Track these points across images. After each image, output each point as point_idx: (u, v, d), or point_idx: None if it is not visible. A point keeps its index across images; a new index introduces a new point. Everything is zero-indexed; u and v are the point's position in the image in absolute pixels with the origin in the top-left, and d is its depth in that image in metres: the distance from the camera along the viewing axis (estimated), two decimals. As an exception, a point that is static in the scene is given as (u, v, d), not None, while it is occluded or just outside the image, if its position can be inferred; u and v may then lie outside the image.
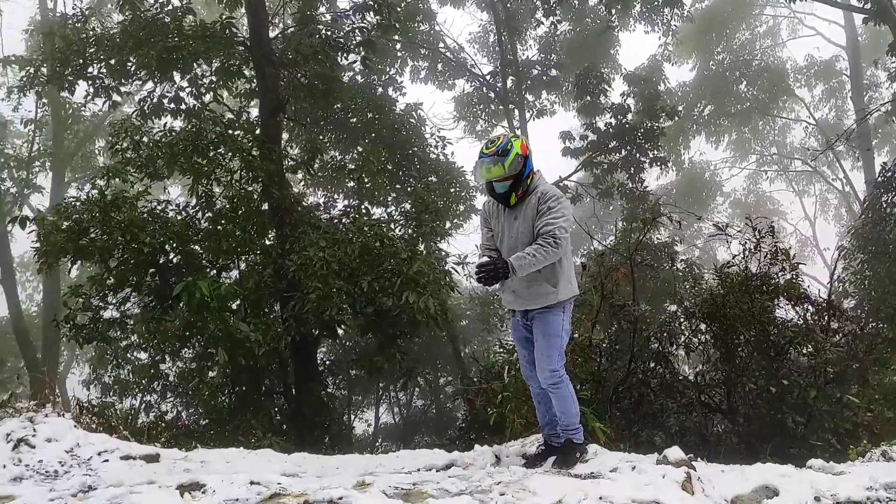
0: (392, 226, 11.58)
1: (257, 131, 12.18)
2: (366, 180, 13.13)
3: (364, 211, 11.56)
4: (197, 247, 11.15)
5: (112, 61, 12.10)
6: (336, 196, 16.47)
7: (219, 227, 10.99)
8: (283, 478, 4.54)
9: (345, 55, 12.51)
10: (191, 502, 3.92)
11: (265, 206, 11.87)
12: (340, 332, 11.36)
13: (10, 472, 4.47)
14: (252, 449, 6.01)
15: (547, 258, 4.25)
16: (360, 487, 4.35)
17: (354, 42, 12.52)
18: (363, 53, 12.71)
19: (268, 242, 12.04)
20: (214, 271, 10.87)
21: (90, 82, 12.47)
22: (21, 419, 4.94)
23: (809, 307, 7.68)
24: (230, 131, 11.63)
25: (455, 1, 22.16)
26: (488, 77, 21.38)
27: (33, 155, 20.29)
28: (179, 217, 11.24)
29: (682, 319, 8.28)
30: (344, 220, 11.04)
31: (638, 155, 17.99)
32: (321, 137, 16.86)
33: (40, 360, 20.13)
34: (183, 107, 12.85)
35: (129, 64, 12.00)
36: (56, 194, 20.13)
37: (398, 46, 20.41)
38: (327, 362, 16.39)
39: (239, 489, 4.08)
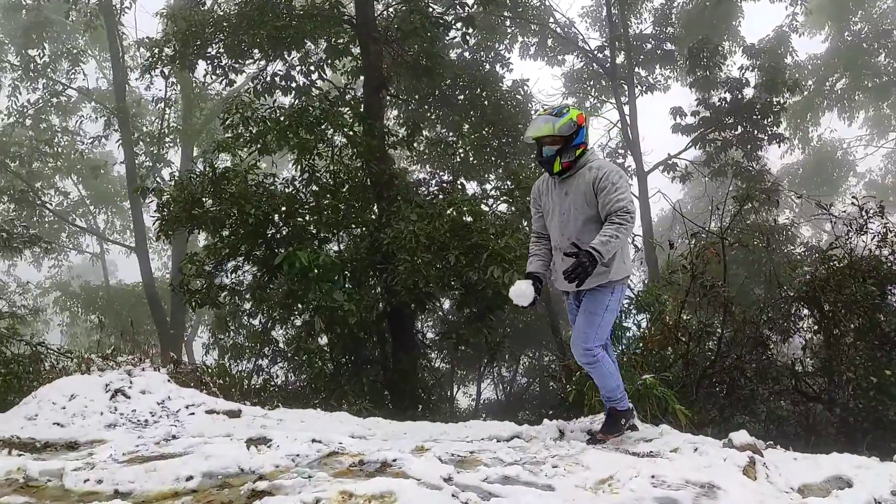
0: (486, 201, 11.63)
1: (361, 108, 12.50)
2: (470, 156, 13.23)
3: (459, 186, 11.67)
4: (301, 219, 11.66)
5: (228, 41, 12.73)
6: (441, 172, 16.68)
7: (323, 200, 11.47)
8: (346, 438, 4.74)
9: (446, 31, 12.59)
10: (255, 454, 4.16)
11: (368, 181, 12.24)
12: (444, 305, 11.62)
13: (105, 419, 4.91)
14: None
15: (626, 235, 4.15)
16: (418, 452, 4.48)
17: (454, 18, 12.58)
18: (463, 29, 12.74)
19: (372, 217, 12.45)
20: (316, 242, 11.32)
21: (209, 62, 13.20)
22: (119, 372, 5.40)
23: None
24: (334, 108, 12.00)
25: (567, -26, 21.68)
26: (597, 52, 20.84)
27: (164, 131, 21.79)
28: (287, 190, 11.81)
29: (781, 304, 7.85)
30: (439, 195, 11.20)
31: (755, 132, 17.04)
32: (428, 114, 17.10)
33: (169, 323, 21.76)
34: (293, 84, 13.36)
35: (243, 44, 12.58)
36: (184, 168, 21.55)
37: (507, 22, 20.25)
38: (429, 335, 16.76)
39: (301, 445, 4.30)
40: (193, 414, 5.28)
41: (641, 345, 7.98)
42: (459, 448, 4.65)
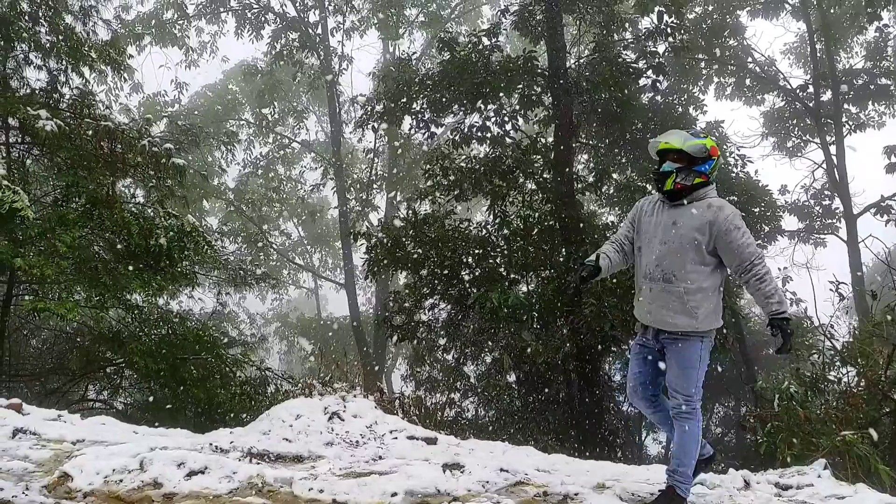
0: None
1: (551, 156, 13.00)
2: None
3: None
4: (493, 261, 12.33)
5: (431, 97, 13.86)
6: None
7: (514, 243, 12.06)
8: (532, 471, 5.13)
9: (636, 80, 12.80)
10: (450, 478, 4.69)
11: (556, 225, 12.66)
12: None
13: (324, 438, 5.68)
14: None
15: (775, 282, 3.98)
16: (598, 489, 4.76)
17: (645, 66, 12.75)
18: (654, 77, 12.87)
19: (560, 259, 12.85)
20: (507, 283, 11.90)
21: (413, 116, 14.42)
22: (335, 397, 6.20)
23: None
24: (526, 156, 12.62)
25: (767, 13, 20.84)
26: (799, 91, 19.74)
27: (372, 179, 23.85)
28: (481, 234, 12.57)
29: None
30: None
31: None
32: (619, 158, 17.23)
33: (372, 355, 23.43)
34: (488, 135, 14.18)
35: (444, 99, 13.63)
36: (389, 213, 23.38)
37: (702, 64, 19.92)
38: (616, 378, 16.63)
39: (490, 473, 4.77)
40: (396, 438, 5.92)
41: (844, 400, 7.60)
42: (640, 488, 4.84)
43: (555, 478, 4.99)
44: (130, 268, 8.97)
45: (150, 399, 10.50)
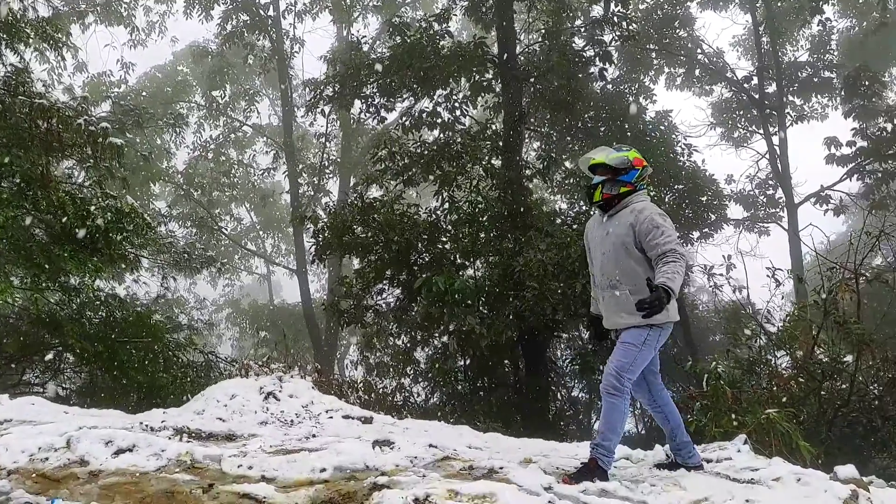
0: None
1: (500, 142, 13.09)
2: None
3: (593, 217, 11.87)
4: (442, 246, 12.38)
5: (381, 82, 13.81)
6: (579, 202, 16.87)
7: (462, 229, 12.12)
8: (463, 447, 5.22)
9: (584, 68, 12.94)
10: (380, 454, 4.73)
11: (505, 211, 12.76)
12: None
13: (259, 417, 5.70)
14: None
15: (682, 271, 4.09)
16: (524, 463, 4.86)
17: (593, 55, 12.91)
18: (601, 65, 13.04)
19: (508, 245, 12.96)
20: (455, 268, 11.98)
21: (363, 101, 14.36)
22: (272, 377, 6.20)
23: None
24: (475, 142, 12.67)
25: (716, 4, 21.25)
26: (744, 82, 20.20)
27: (324, 164, 23.67)
28: (430, 219, 12.59)
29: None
30: (573, 226, 11.50)
31: (923, 162, 15.88)
32: (570, 146, 17.40)
33: (324, 341, 23.35)
34: (438, 120, 14.20)
35: (394, 84, 13.60)
36: (342, 199, 23.24)
37: (653, 55, 20.22)
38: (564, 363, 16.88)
39: (419, 449, 4.83)
40: (332, 418, 5.95)
41: (772, 381, 7.88)
42: (566, 463, 4.97)
43: (483, 454, 5.08)
44: (67, 249, 8.76)
45: (90, 383, 10.32)
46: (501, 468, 4.53)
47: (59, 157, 9.56)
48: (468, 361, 12.16)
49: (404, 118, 14.36)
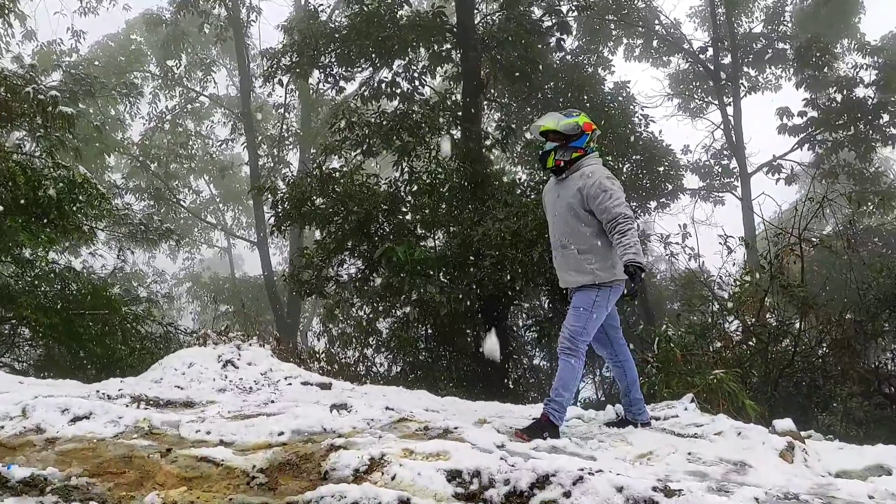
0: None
1: (459, 112, 13.10)
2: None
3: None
4: (402, 217, 12.41)
5: (339, 51, 13.68)
6: (538, 172, 17.00)
7: (422, 199, 12.16)
8: (419, 410, 5.34)
9: (542, 38, 12.98)
10: (337, 417, 4.83)
11: (465, 182, 12.82)
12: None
13: (217, 385, 5.74)
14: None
15: (635, 234, 4.28)
16: (478, 424, 5.01)
17: (552, 24, 12.95)
18: (558, 35, 13.09)
19: (468, 215, 13.05)
20: (414, 239, 12.04)
21: (322, 70, 14.22)
22: (231, 346, 6.23)
23: None
24: (434, 112, 12.67)
25: (674, -27, 21.41)
26: (700, 53, 20.46)
27: (283, 135, 23.40)
28: (390, 190, 12.60)
29: (869, 306, 7.79)
30: (531, 195, 11.62)
31: (870, 132, 16.31)
32: (531, 116, 17.46)
33: (286, 313, 23.32)
34: (398, 91, 14.15)
35: (352, 53, 13.49)
36: (302, 169, 23.03)
37: (612, 25, 20.32)
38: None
39: (376, 412, 4.94)
40: (291, 384, 6.03)
41: (720, 343, 8.15)
42: (519, 423, 5.11)
43: (439, 416, 5.19)
44: (19, 221, 8.60)
45: (47, 356, 10.21)
46: (456, 428, 4.65)
47: (8, 127, 9.33)
48: (429, 331, 12.29)
49: (363, 88, 14.27)
